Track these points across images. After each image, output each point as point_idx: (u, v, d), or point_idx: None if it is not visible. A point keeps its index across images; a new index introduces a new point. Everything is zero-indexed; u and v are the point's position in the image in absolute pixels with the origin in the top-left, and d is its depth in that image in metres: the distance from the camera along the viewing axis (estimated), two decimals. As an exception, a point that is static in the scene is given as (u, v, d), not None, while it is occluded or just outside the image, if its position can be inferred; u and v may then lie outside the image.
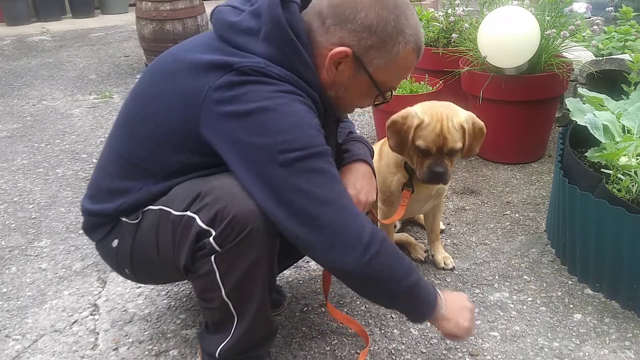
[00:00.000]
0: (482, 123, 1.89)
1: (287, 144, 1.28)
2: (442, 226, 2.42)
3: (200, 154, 1.39)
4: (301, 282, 2.14)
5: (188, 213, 1.36)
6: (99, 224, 1.56)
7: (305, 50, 1.37)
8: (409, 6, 1.41)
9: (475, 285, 2.08)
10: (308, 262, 2.26)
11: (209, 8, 5.16)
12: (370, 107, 2.02)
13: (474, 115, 1.89)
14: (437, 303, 1.47)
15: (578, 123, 2.17)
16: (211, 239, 1.34)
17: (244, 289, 1.42)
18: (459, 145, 1.83)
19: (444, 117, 1.81)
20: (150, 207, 1.45)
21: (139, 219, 1.47)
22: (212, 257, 1.37)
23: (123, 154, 1.50)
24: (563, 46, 2.97)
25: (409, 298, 1.44)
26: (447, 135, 1.80)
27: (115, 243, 1.53)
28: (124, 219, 1.50)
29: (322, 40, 1.39)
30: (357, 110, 4.08)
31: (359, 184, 1.62)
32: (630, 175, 1.93)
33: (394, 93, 1.54)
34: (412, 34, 1.40)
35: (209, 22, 1.55)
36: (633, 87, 2.51)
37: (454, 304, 1.51)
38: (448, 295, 1.53)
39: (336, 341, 1.83)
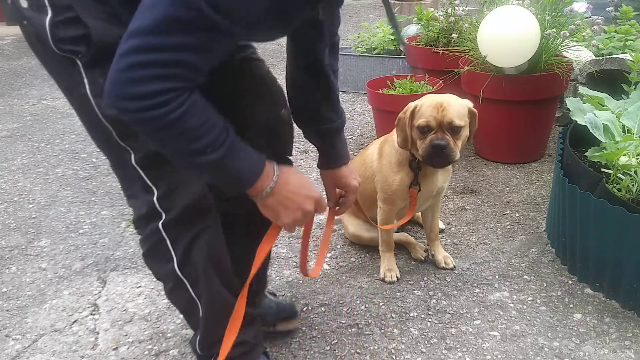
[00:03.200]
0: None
1: None
2: (442, 226, 2.42)
3: None
4: (301, 282, 2.14)
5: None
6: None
7: None
8: None
9: (475, 284, 2.08)
10: (308, 262, 2.26)
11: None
12: (370, 107, 1.83)
13: None
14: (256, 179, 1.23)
15: (578, 122, 2.17)
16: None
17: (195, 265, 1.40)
18: (459, 122, 1.82)
19: (443, 97, 1.86)
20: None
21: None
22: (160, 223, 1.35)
23: None
24: (563, 46, 2.97)
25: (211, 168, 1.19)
26: (447, 107, 1.81)
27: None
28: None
29: None
30: (357, 109, 4.10)
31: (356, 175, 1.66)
32: (630, 175, 1.93)
33: (394, 94, 1.48)
34: None
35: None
36: (633, 87, 2.51)
37: (288, 190, 1.28)
38: (289, 178, 1.29)
39: (336, 341, 1.83)
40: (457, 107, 1.83)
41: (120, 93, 1.05)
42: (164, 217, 1.34)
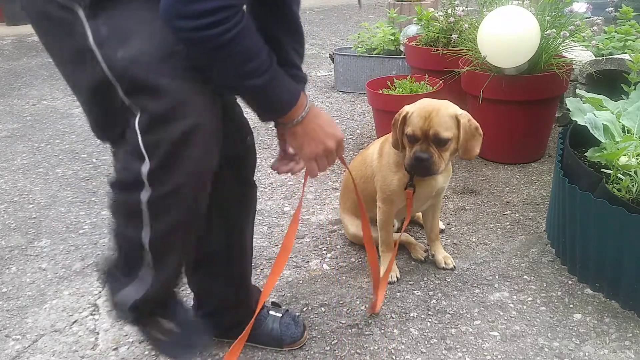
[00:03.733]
0: (477, 123, 1.87)
1: None
2: (442, 226, 2.42)
3: None
4: (301, 282, 2.14)
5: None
6: None
7: None
8: None
9: (475, 285, 2.08)
10: (308, 262, 2.26)
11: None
12: (370, 107, 1.85)
13: (470, 116, 1.89)
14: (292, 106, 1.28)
15: (578, 123, 2.17)
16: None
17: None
18: (446, 134, 1.80)
19: (434, 106, 1.84)
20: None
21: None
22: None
23: None
24: (563, 46, 2.97)
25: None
26: (434, 118, 1.80)
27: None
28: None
29: None
30: (357, 110, 4.10)
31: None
32: (630, 175, 1.93)
33: (394, 94, 1.48)
34: None
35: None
36: (633, 87, 2.51)
37: (316, 123, 1.34)
38: (319, 112, 1.36)
39: (336, 341, 1.83)
40: (446, 118, 1.81)
41: (177, 11, 1.06)
42: (150, 192, 1.23)
